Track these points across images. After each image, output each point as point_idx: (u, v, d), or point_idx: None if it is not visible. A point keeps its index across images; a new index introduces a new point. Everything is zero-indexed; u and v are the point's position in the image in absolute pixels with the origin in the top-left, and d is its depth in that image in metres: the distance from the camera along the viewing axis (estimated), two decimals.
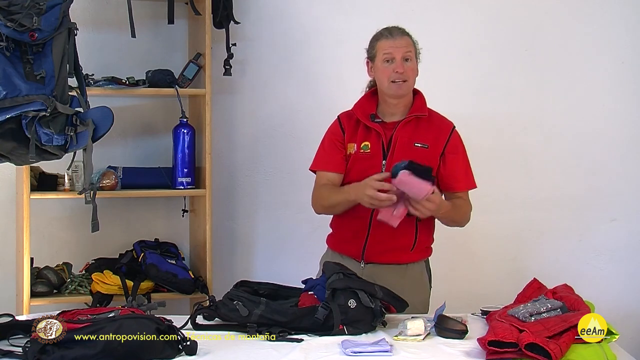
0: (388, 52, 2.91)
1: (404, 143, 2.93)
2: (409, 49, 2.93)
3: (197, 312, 2.60)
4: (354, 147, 2.97)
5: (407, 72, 2.91)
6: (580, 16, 4.09)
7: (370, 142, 2.95)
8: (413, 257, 3.02)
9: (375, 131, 2.95)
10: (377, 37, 2.98)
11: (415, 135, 2.95)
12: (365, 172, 2.89)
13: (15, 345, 2.27)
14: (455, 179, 3.00)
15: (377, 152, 2.94)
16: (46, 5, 2.67)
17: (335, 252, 3.06)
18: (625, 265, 4.15)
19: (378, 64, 2.94)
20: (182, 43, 3.79)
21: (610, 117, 4.12)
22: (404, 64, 2.91)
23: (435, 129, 3.00)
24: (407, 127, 2.96)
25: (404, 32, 2.96)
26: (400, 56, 2.90)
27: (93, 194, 2.92)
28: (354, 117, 3.01)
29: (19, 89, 2.62)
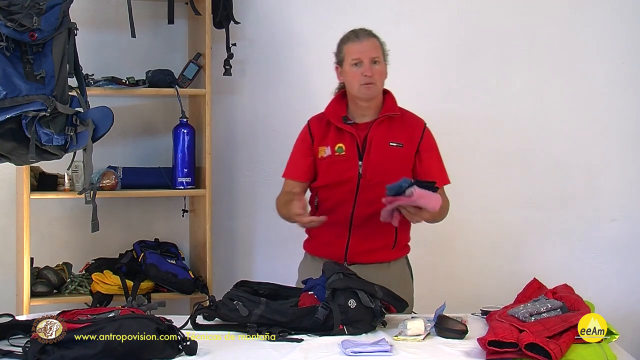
0: (356, 57, 2.92)
1: (378, 143, 2.95)
2: (377, 51, 2.94)
3: (197, 312, 2.60)
4: (327, 150, 2.99)
5: (376, 75, 2.92)
6: (580, 16, 4.09)
7: (345, 144, 2.97)
8: (395, 255, 3.05)
9: (349, 133, 2.97)
10: (344, 40, 2.99)
11: (390, 135, 2.97)
12: (343, 173, 2.95)
13: (15, 345, 2.27)
14: (432, 176, 3.01)
15: (353, 153, 2.96)
16: (46, 5, 2.67)
17: (316, 256, 3.07)
18: (625, 265, 4.14)
19: (347, 67, 2.95)
20: (182, 43, 3.79)
21: (610, 117, 4.12)
22: (372, 67, 2.91)
23: (408, 128, 3.01)
24: (381, 127, 2.98)
25: (370, 34, 2.97)
26: (368, 59, 2.91)
27: (93, 194, 2.92)
28: (324, 120, 3.03)
29: (19, 89, 2.62)
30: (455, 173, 4.01)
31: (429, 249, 3.98)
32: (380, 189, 2.88)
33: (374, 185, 2.92)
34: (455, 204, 4.00)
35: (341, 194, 2.97)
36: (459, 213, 3.98)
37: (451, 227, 3.99)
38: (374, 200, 2.87)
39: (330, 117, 3.01)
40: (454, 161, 3.98)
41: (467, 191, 3.99)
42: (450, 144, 3.97)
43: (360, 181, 2.95)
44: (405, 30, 3.96)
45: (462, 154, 3.99)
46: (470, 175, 4.00)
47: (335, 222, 2.95)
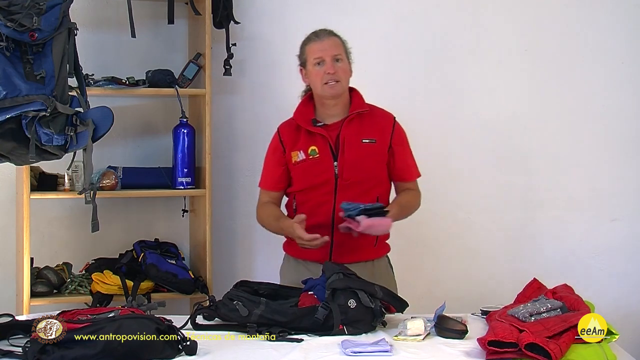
0: (317, 55, 2.93)
1: (351, 141, 2.96)
2: (338, 49, 2.96)
3: (197, 312, 2.60)
4: (300, 154, 3.00)
5: (339, 72, 2.93)
6: (580, 16, 4.09)
7: (318, 147, 2.98)
8: (378, 253, 3.07)
9: (320, 135, 2.97)
10: (306, 42, 3.02)
11: (361, 132, 2.98)
12: (319, 176, 2.96)
13: (15, 345, 2.27)
14: (404, 170, 3.06)
15: (327, 155, 2.97)
16: (46, 5, 2.68)
17: (299, 259, 3.07)
18: (625, 265, 4.14)
19: (310, 68, 2.97)
20: (182, 43, 3.79)
21: (610, 117, 4.12)
22: (334, 64, 2.93)
23: (379, 123, 3.03)
24: (352, 125, 2.98)
25: (331, 33, 2.99)
26: (330, 57, 2.93)
27: (93, 194, 2.92)
28: (293, 124, 3.04)
29: (19, 89, 2.62)
30: (455, 173, 4.03)
31: (428, 249, 3.98)
32: (358, 187, 2.94)
33: (352, 184, 2.94)
34: (455, 204, 4.01)
35: (320, 196, 2.97)
36: (458, 213, 4.00)
37: (451, 227, 4.01)
38: (353, 199, 2.89)
39: (299, 121, 3.02)
40: (453, 161, 4.00)
41: (467, 191, 4.00)
42: (450, 144, 4.00)
43: (337, 181, 2.95)
44: (405, 30, 3.96)
45: (462, 153, 3.99)
46: (470, 175, 4.00)
47: (317, 224, 2.95)
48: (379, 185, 3.01)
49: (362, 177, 2.96)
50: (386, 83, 3.93)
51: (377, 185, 3.00)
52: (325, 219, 2.96)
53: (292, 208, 3.07)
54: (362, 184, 2.96)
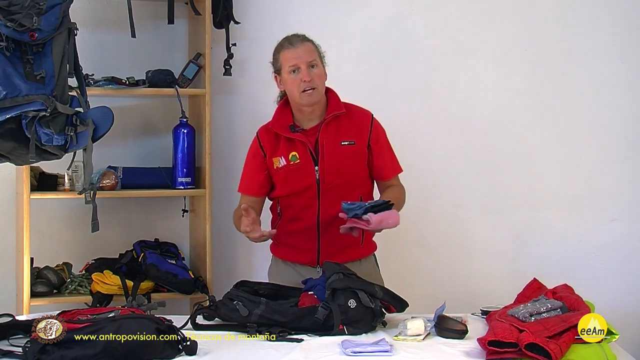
0: (292, 63, 2.90)
1: (330, 145, 2.95)
2: (312, 55, 2.93)
3: (197, 312, 2.60)
4: (281, 160, 2.99)
5: (315, 79, 2.91)
6: (580, 16, 4.09)
7: (298, 152, 2.96)
8: (364, 252, 3.07)
9: (299, 141, 2.96)
10: (279, 49, 2.98)
11: (340, 134, 2.97)
12: (301, 181, 2.95)
13: (15, 345, 2.27)
14: (385, 168, 3.04)
15: (307, 160, 2.96)
16: (46, 5, 2.67)
17: (287, 261, 3.07)
18: (625, 265, 4.14)
19: (285, 75, 2.94)
20: (182, 43, 3.79)
21: (610, 117, 4.12)
22: (310, 71, 2.90)
23: (356, 123, 3.01)
24: (330, 128, 2.97)
25: (304, 38, 2.97)
26: (305, 65, 2.90)
27: (93, 194, 2.92)
28: (272, 131, 3.02)
29: (19, 89, 2.62)
30: (454, 173, 4.03)
31: (428, 249, 3.98)
32: (341, 189, 2.93)
33: (335, 187, 2.94)
34: (455, 204, 4.01)
35: (304, 200, 2.97)
36: (458, 213, 4.00)
37: (451, 227, 4.01)
38: (337, 201, 2.88)
39: (276, 129, 3.00)
40: (453, 161, 4.00)
41: (467, 191, 4.00)
42: (450, 144, 4.00)
43: (320, 185, 2.95)
44: (405, 30, 3.96)
45: (461, 153, 3.99)
46: (469, 175, 4.00)
47: (303, 227, 2.97)
48: (361, 185, 3.01)
49: (344, 180, 2.96)
50: (385, 83, 3.93)
51: (359, 185, 3.00)
52: (311, 222, 2.96)
53: (277, 212, 3.07)
54: (344, 186, 2.95)
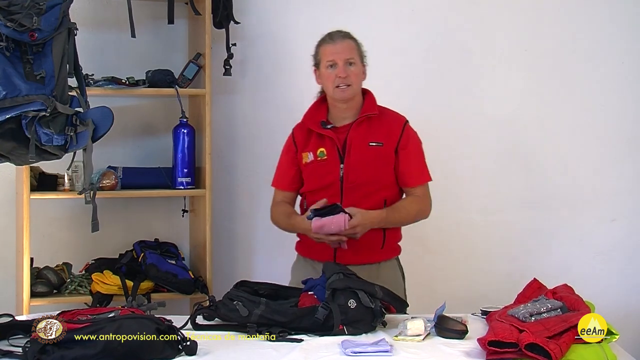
0: (330, 58, 2.94)
1: (358, 144, 2.97)
2: (352, 53, 2.95)
3: (197, 312, 2.60)
4: (309, 155, 3.01)
5: (351, 76, 2.94)
6: (580, 16, 4.09)
7: (326, 148, 2.99)
8: (384, 256, 3.05)
9: (329, 137, 2.99)
10: (320, 43, 3.02)
11: (369, 135, 2.98)
12: (325, 177, 2.97)
13: (15, 345, 2.27)
14: (408, 174, 3.02)
15: (334, 157, 2.98)
16: (46, 5, 2.68)
17: (307, 258, 3.08)
18: (625, 265, 4.14)
19: (323, 70, 2.98)
20: (182, 43, 3.79)
21: (610, 117, 4.12)
22: (346, 68, 2.93)
23: (388, 126, 3.02)
24: (360, 128, 2.99)
25: (345, 35, 2.99)
26: (342, 61, 2.93)
27: (93, 194, 2.92)
28: (305, 127, 3.05)
29: (19, 89, 2.62)
30: (455, 173, 4.03)
31: (428, 249, 3.98)
32: (364, 189, 2.94)
33: (358, 186, 2.95)
34: (455, 204, 4.02)
35: (327, 197, 2.96)
36: (459, 213, 4.00)
37: (451, 227, 4.01)
38: (358, 201, 2.90)
39: (308, 124, 3.03)
40: (453, 161, 4.01)
41: (467, 191, 4.00)
42: (450, 144, 4.00)
43: (343, 184, 2.95)
44: (405, 29, 3.97)
45: (461, 153, 3.99)
46: (470, 175, 4.00)
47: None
48: (386, 188, 3.00)
49: (367, 180, 2.96)
50: (385, 83, 3.90)
51: (383, 188, 2.99)
52: None
53: (304, 208, 3.09)
54: (366, 186, 2.96)
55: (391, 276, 3.07)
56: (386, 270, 3.05)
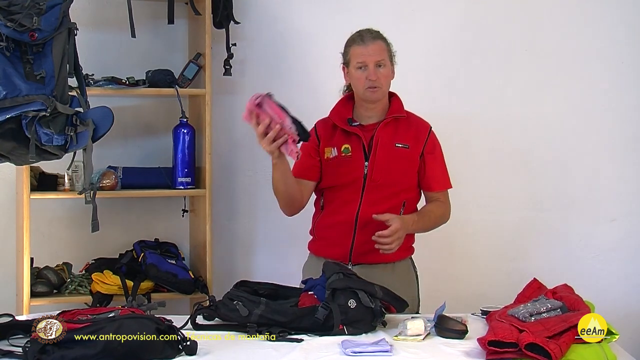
0: (361, 60, 2.92)
1: (385, 144, 2.97)
2: (382, 55, 2.94)
3: (197, 312, 2.60)
4: (333, 150, 3.00)
5: (381, 78, 2.93)
6: (580, 16, 4.09)
7: (351, 145, 2.98)
8: (399, 255, 3.03)
9: (355, 134, 2.98)
10: (350, 42, 2.99)
11: (396, 136, 2.99)
12: (349, 174, 2.96)
13: (15, 345, 2.27)
14: (434, 179, 3.05)
15: (359, 154, 2.97)
16: (46, 5, 2.68)
17: (321, 257, 3.06)
18: (625, 265, 4.14)
19: (352, 70, 2.97)
20: (182, 43, 3.79)
21: (610, 117, 4.12)
22: (376, 70, 2.92)
23: (414, 130, 3.03)
24: (387, 129, 2.99)
25: (376, 36, 2.96)
26: (372, 63, 2.92)
27: (93, 194, 2.92)
28: (329, 122, 3.04)
29: (19, 89, 2.62)
30: (455, 173, 4.01)
31: (428, 249, 3.96)
32: (386, 189, 2.94)
33: (380, 186, 2.95)
34: (455, 204, 4.00)
35: (347, 194, 2.98)
36: (459, 213, 3.97)
37: (451, 227, 3.99)
38: (379, 201, 2.92)
39: (335, 120, 3.03)
40: (453, 161, 3.99)
41: (467, 191, 3.99)
42: (450, 144, 3.97)
43: (366, 181, 2.96)
44: (405, 29, 3.96)
45: (462, 153, 3.98)
46: (470, 175, 4.00)
47: (341, 222, 2.98)
48: (407, 191, 3.02)
49: (390, 180, 2.96)
50: None
51: (404, 190, 3.01)
52: (350, 217, 2.96)
53: (320, 205, 3.09)
54: (389, 187, 2.96)
55: (405, 276, 3.08)
56: (400, 270, 3.06)
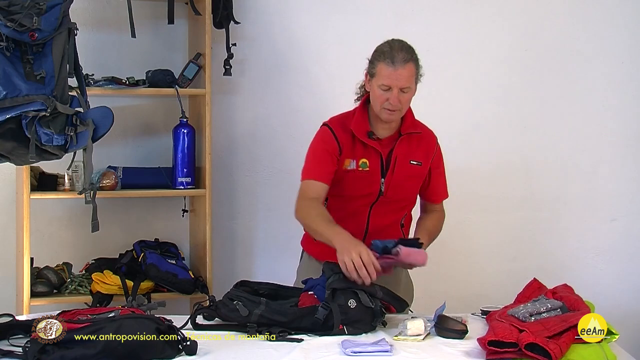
0: (386, 83, 2.78)
1: (401, 160, 2.93)
2: (409, 81, 2.80)
3: (197, 312, 2.60)
4: (352, 163, 2.91)
5: (402, 102, 2.81)
6: (580, 16, 4.09)
7: (369, 160, 2.91)
8: None
9: (374, 149, 2.91)
10: (380, 56, 2.82)
11: (410, 153, 2.95)
12: (365, 189, 2.92)
13: (15, 345, 2.27)
14: (436, 192, 3.08)
15: (376, 169, 2.91)
16: (46, 5, 2.68)
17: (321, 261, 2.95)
18: (625, 265, 4.15)
19: (375, 86, 2.82)
20: (182, 43, 3.79)
21: (610, 117, 4.12)
22: (400, 95, 2.78)
23: (425, 145, 3.00)
24: (403, 144, 2.94)
25: (407, 58, 2.80)
26: (397, 89, 2.78)
27: (93, 194, 2.92)
28: (349, 130, 2.92)
29: (19, 89, 2.63)
30: (455, 173, 4.01)
31: (428, 249, 3.97)
32: (394, 204, 2.95)
33: (390, 201, 2.94)
34: (455, 204, 4.00)
35: (356, 206, 2.94)
36: (459, 213, 3.99)
37: (451, 227, 3.99)
38: (385, 213, 2.92)
39: (356, 133, 2.90)
40: (453, 161, 3.99)
41: (467, 191, 4.00)
42: (450, 144, 3.99)
43: (379, 197, 2.93)
44: (405, 30, 3.95)
45: (461, 153, 3.99)
46: (470, 175, 4.00)
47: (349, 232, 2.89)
48: (411, 203, 3.04)
49: (401, 197, 2.96)
50: None
51: (409, 204, 3.03)
52: (358, 229, 2.89)
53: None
54: (398, 202, 2.96)
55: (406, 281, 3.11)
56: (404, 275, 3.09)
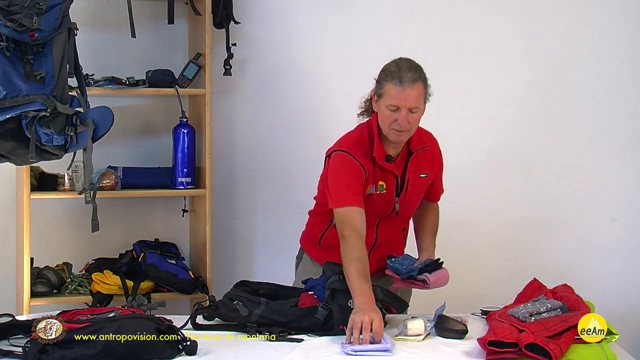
0: (394, 103, 2.69)
1: (413, 178, 2.90)
2: (418, 101, 2.71)
3: (197, 312, 2.60)
4: (372, 188, 2.84)
5: (411, 123, 2.74)
6: (580, 16, 4.09)
7: (386, 183, 2.85)
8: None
9: (390, 172, 2.85)
10: (387, 76, 2.74)
11: (419, 167, 2.92)
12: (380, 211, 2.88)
13: (15, 345, 2.27)
14: (435, 192, 3.08)
15: (391, 191, 2.86)
16: (46, 5, 2.68)
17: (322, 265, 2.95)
18: (625, 265, 4.15)
19: (382, 106, 2.73)
20: (182, 43, 3.79)
21: (610, 117, 4.12)
22: (408, 116, 2.70)
23: (431, 154, 2.97)
24: (413, 161, 2.90)
25: (415, 78, 2.71)
26: (406, 109, 2.69)
27: (93, 194, 2.92)
28: (369, 156, 2.83)
29: (19, 89, 2.63)
30: (455, 173, 4.02)
31: None
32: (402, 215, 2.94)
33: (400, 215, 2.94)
34: (455, 204, 4.01)
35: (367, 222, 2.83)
36: (459, 213, 4.00)
37: (451, 227, 4.00)
38: (392, 224, 2.92)
39: (378, 159, 2.82)
40: (453, 161, 3.99)
41: (467, 191, 4.00)
42: (450, 144, 3.98)
43: (390, 214, 2.91)
44: (405, 30, 3.97)
45: (461, 153, 3.99)
46: (470, 175, 4.00)
47: None
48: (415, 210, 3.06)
49: (412, 210, 2.99)
50: None
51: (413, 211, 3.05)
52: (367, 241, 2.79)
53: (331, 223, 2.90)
54: (407, 214, 2.98)
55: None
56: None
